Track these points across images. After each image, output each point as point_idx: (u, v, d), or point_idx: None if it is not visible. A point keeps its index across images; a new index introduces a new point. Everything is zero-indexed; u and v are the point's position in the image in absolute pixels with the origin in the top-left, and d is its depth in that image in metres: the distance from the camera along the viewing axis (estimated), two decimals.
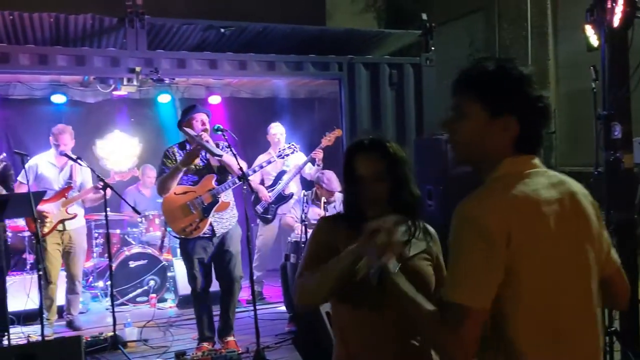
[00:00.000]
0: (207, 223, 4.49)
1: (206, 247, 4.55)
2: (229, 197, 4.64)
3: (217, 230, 4.54)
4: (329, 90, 7.07)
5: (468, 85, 1.53)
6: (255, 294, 4.68)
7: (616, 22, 3.78)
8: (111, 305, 4.75)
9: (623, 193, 3.87)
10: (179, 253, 6.46)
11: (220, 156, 4.37)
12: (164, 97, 7.05)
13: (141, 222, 6.62)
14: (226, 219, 4.60)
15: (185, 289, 5.75)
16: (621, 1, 3.74)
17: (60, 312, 5.51)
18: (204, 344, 4.55)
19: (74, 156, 5.08)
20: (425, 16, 6.45)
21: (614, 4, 3.76)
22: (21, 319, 5.28)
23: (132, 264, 6.24)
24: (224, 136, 4.38)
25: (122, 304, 6.04)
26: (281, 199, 6.16)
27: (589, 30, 4.09)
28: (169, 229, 4.73)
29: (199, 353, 4.30)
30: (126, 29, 5.39)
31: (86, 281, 6.52)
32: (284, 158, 5.60)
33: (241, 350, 4.45)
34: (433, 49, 6.43)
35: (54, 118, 6.50)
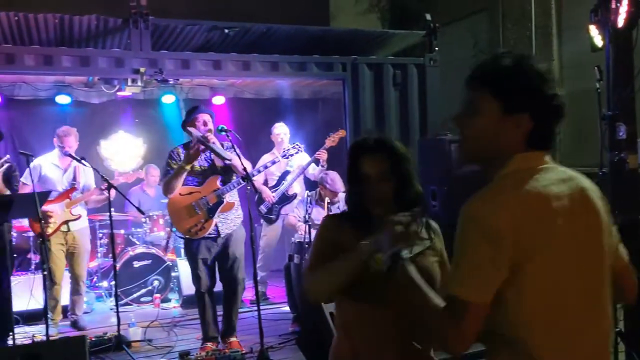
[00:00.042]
0: (213, 223, 4.49)
1: (211, 247, 4.55)
2: (234, 197, 4.65)
3: (222, 230, 4.54)
4: (333, 90, 7.07)
5: (483, 80, 1.50)
6: (259, 294, 4.68)
7: (621, 22, 3.78)
8: (115, 305, 4.77)
9: (628, 194, 3.86)
10: (183, 253, 6.49)
11: (230, 160, 4.37)
12: (168, 98, 7.06)
13: (145, 223, 6.63)
14: (231, 220, 4.61)
15: (189, 289, 5.76)
16: (626, 1, 3.74)
17: (64, 312, 5.52)
18: (208, 344, 4.55)
19: (78, 157, 5.10)
20: (429, 16, 6.44)
21: (618, 4, 3.75)
22: (25, 318, 5.31)
23: (136, 264, 6.25)
24: (227, 137, 4.39)
25: (126, 304, 6.05)
26: (285, 199, 6.16)
27: (593, 31, 4.08)
28: (174, 229, 4.73)
29: (203, 353, 4.30)
30: (130, 30, 5.40)
31: (90, 281, 6.53)
32: (289, 158, 5.60)
33: (245, 351, 4.45)
34: (437, 49, 6.42)
35: (59, 119, 6.53)
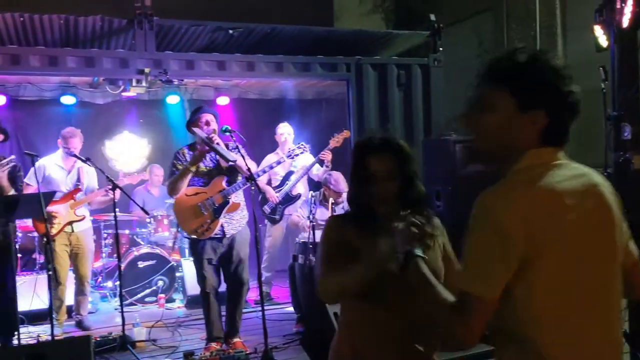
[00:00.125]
0: (219, 224, 4.50)
1: (216, 248, 4.56)
2: (240, 197, 4.65)
3: (228, 231, 4.55)
4: (337, 91, 7.07)
5: (498, 77, 1.48)
6: (264, 294, 4.68)
7: (625, 22, 3.77)
8: (120, 305, 4.78)
9: (633, 194, 3.85)
10: (187, 253, 6.51)
11: (234, 161, 4.37)
12: (172, 98, 7.08)
13: (150, 223, 6.64)
14: (236, 220, 4.61)
15: (193, 289, 5.77)
16: (630, 1, 3.73)
17: (69, 312, 5.53)
18: (212, 344, 4.55)
19: (83, 157, 5.10)
20: (433, 17, 6.44)
21: (623, 4, 3.75)
22: (30, 318, 5.32)
23: (140, 264, 6.26)
24: (232, 137, 4.39)
25: (130, 304, 6.06)
26: (288, 199, 6.16)
27: (598, 31, 4.08)
28: (181, 229, 4.74)
29: (207, 353, 4.30)
30: (135, 31, 5.41)
31: (95, 281, 6.55)
32: (294, 158, 5.60)
33: (249, 351, 4.45)
34: (441, 49, 6.42)
35: (64, 119, 6.56)
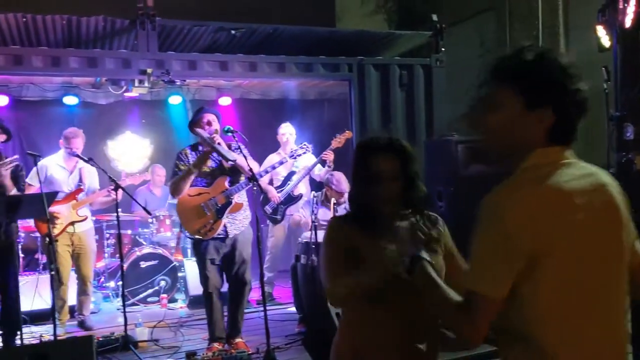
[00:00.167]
0: (221, 224, 4.50)
1: (219, 248, 4.56)
2: (242, 198, 4.65)
3: (230, 231, 4.55)
4: (339, 91, 7.07)
5: (505, 75, 1.48)
6: (266, 294, 4.68)
7: (628, 22, 3.77)
8: (122, 306, 4.80)
9: (635, 195, 3.83)
10: (189, 254, 6.52)
11: (234, 161, 4.38)
12: (175, 99, 7.09)
13: (152, 223, 6.65)
14: (239, 220, 4.61)
15: (195, 289, 5.78)
16: (633, 1, 3.73)
17: (71, 312, 5.54)
18: (215, 344, 4.55)
19: (86, 158, 5.11)
20: (435, 17, 6.44)
21: (625, 4, 3.74)
22: (33, 318, 5.33)
23: (143, 264, 6.27)
24: (234, 137, 4.40)
25: (133, 304, 6.07)
26: (290, 199, 6.15)
27: (601, 31, 4.07)
28: (183, 229, 4.75)
29: (210, 353, 4.30)
30: (137, 31, 5.42)
31: (98, 281, 6.56)
32: (296, 158, 5.60)
33: (251, 351, 4.46)
34: (443, 49, 6.42)
35: (66, 119, 6.56)
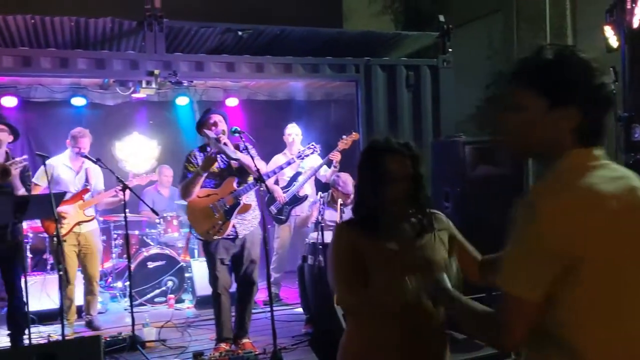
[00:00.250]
0: (230, 225, 4.51)
1: (229, 248, 4.57)
2: (251, 198, 4.66)
3: (240, 232, 4.56)
4: (345, 92, 7.07)
5: (526, 76, 1.46)
6: (272, 295, 4.68)
7: (636, 22, 3.76)
8: (130, 306, 4.81)
9: None
10: (197, 254, 6.53)
11: (237, 160, 4.39)
12: (182, 100, 7.11)
13: (159, 223, 6.66)
14: (248, 221, 4.62)
15: (202, 289, 5.79)
16: None
17: (79, 312, 5.57)
18: (222, 345, 4.56)
19: (93, 158, 5.13)
20: (442, 18, 6.44)
21: (633, 5, 3.73)
22: (41, 318, 5.36)
23: (150, 264, 6.29)
24: (241, 138, 4.41)
25: (140, 304, 6.08)
26: (295, 200, 6.15)
27: (609, 31, 4.06)
28: (193, 230, 4.76)
29: (217, 353, 4.31)
30: (145, 32, 5.45)
31: (105, 282, 6.59)
32: (304, 159, 5.60)
33: (258, 351, 4.46)
34: (450, 50, 6.41)
35: (74, 120, 6.59)
